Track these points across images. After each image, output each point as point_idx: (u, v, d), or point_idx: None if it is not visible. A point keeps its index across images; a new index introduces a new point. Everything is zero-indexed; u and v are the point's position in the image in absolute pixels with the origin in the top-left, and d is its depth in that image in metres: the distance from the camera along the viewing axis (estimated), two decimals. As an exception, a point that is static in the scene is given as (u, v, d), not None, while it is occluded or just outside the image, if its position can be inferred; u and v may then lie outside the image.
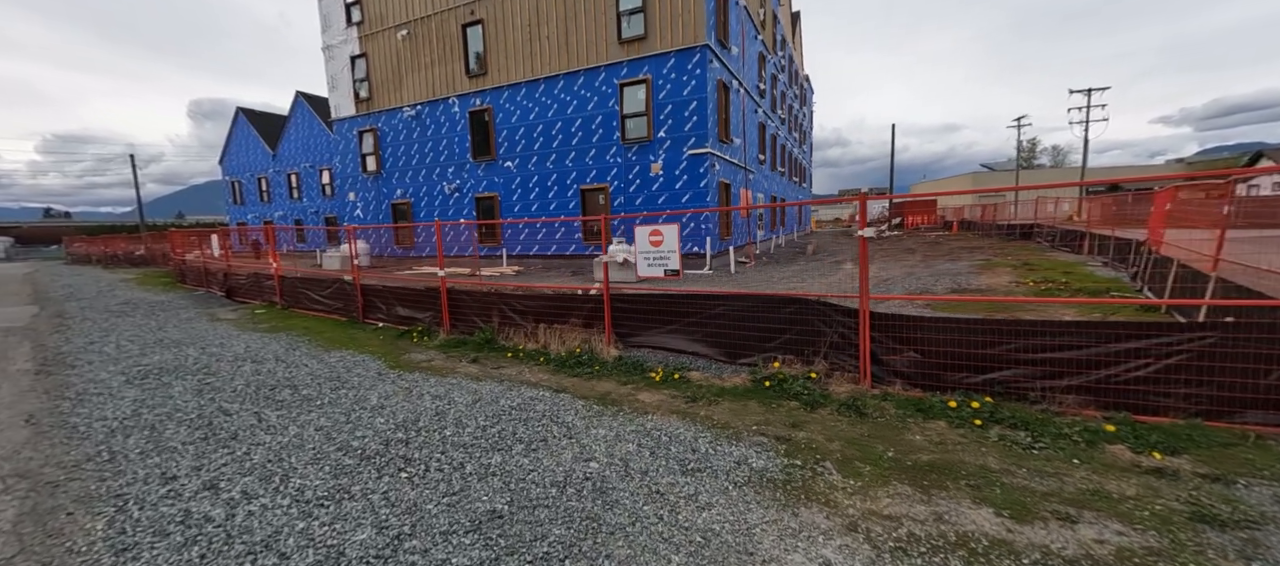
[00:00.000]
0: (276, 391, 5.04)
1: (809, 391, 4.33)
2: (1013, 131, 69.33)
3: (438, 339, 7.18)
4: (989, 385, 3.94)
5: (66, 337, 8.09)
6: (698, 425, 3.90)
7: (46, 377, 5.81)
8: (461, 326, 7.33)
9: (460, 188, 20.66)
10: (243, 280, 11.48)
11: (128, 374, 5.86)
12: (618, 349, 5.92)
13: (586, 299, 6.21)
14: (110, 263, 27.37)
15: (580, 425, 3.97)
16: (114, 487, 3.20)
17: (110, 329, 8.72)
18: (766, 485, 3.00)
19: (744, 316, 5.00)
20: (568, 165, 18.25)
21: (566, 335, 6.27)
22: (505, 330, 6.82)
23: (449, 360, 6.18)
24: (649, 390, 4.75)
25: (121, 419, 4.39)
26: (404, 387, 5.05)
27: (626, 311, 5.92)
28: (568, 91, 17.81)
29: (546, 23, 17.73)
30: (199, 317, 9.64)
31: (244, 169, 38.91)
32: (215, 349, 7.00)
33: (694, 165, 16.11)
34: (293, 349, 6.88)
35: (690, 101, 15.86)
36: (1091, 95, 41.88)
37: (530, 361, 5.93)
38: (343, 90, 23.10)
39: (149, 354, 6.83)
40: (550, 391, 4.80)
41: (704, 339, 5.32)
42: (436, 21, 19.93)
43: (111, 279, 18.72)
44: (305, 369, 5.86)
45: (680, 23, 15.61)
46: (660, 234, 5.36)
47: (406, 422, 4.10)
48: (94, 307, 11.33)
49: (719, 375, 5.01)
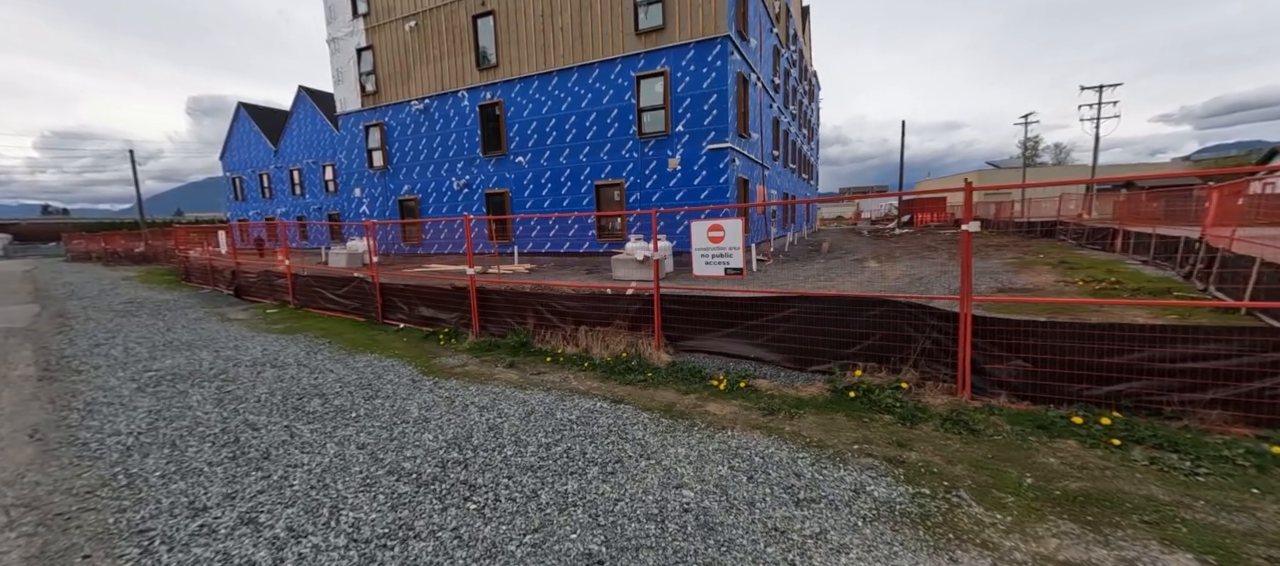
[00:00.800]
0: (305, 401, 4.59)
1: (901, 403, 3.90)
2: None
3: (467, 341, 6.75)
4: (1113, 398, 3.51)
5: (70, 339, 7.64)
6: (787, 442, 3.47)
7: (51, 384, 5.37)
8: (492, 328, 6.89)
9: (470, 183, 20.18)
10: (252, 278, 11.02)
11: (139, 380, 5.42)
12: (668, 354, 5.49)
13: (633, 300, 5.77)
14: (111, 260, 26.88)
15: (654, 442, 3.54)
16: (135, 521, 2.76)
17: (116, 330, 8.27)
18: (902, 520, 2.57)
19: (818, 319, 4.56)
20: (581, 160, 17.78)
21: (610, 338, 5.84)
22: (541, 332, 6.38)
23: (484, 365, 5.74)
24: (716, 400, 4.32)
25: (137, 434, 3.95)
26: (444, 397, 4.62)
27: (678, 313, 5.49)
28: (582, 84, 17.33)
29: (560, 14, 17.23)
30: (208, 318, 9.19)
31: (245, 165, 38.34)
32: (230, 352, 6.55)
33: (714, 160, 15.66)
34: (313, 352, 6.44)
35: (710, 94, 15.39)
36: (1103, 92, 41.44)
37: (573, 367, 5.50)
38: (348, 84, 22.59)
39: (160, 357, 6.39)
40: (607, 402, 4.37)
41: (769, 344, 4.88)
42: (445, 13, 19.42)
43: (113, 277, 18.25)
44: (331, 375, 5.42)
45: (700, 13, 15.13)
46: (721, 230, 4.92)
47: (458, 440, 3.66)
48: (97, 307, 10.87)
49: (790, 384, 4.58)
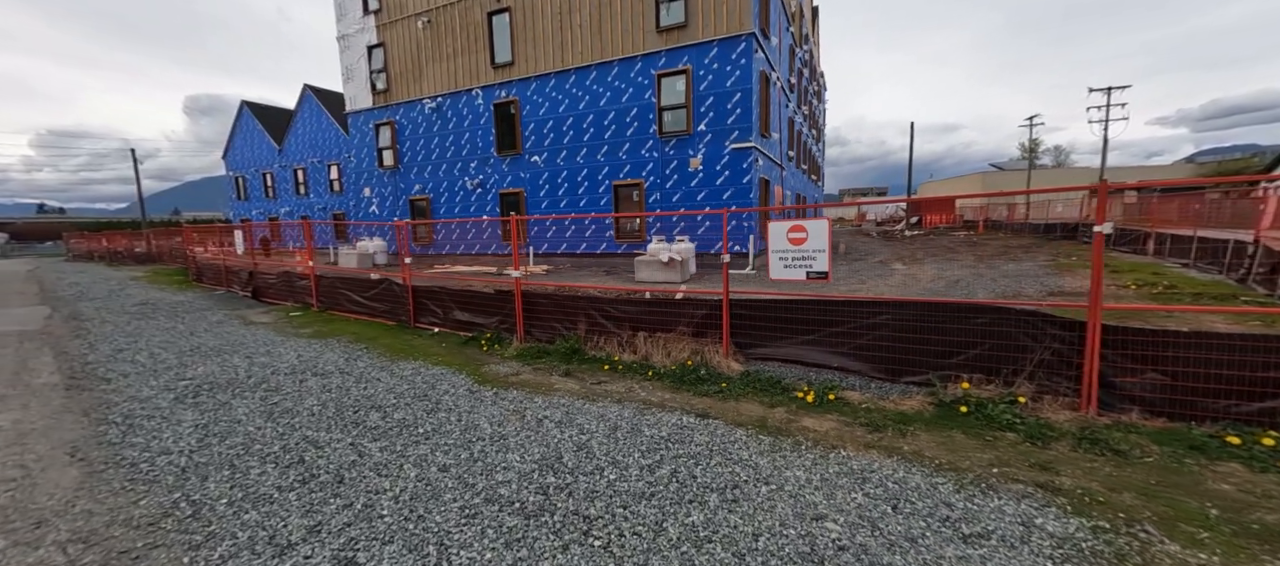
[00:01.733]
0: (362, 414, 4.26)
1: (1021, 420, 3.59)
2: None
3: (512, 347, 6.42)
4: (1267, 416, 3.21)
5: (89, 344, 7.27)
6: (914, 465, 3.16)
7: (80, 394, 5.02)
8: (537, 333, 6.56)
9: (483, 183, 19.84)
10: (272, 280, 10.66)
11: (174, 390, 5.07)
12: (738, 362, 5.17)
13: (698, 304, 5.45)
14: (114, 259, 26.42)
15: (765, 464, 3.23)
16: (214, 560, 2.43)
17: (135, 333, 7.91)
18: (1098, 562, 2.26)
19: (914, 327, 4.25)
20: (599, 160, 17.46)
21: (672, 345, 5.52)
22: (593, 338, 6.06)
23: (538, 374, 5.42)
24: (809, 414, 4.01)
25: (188, 452, 3.61)
26: (511, 410, 4.29)
27: (748, 319, 5.17)
28: (600, 82, 17.02)
29: (578, 11, 16.92)
30: (229, 320, 8.83)
31: (248, 164, 37.89)
32: (263, 358, 6.21)
33: (737, 160, 15.36)
34: (352, 359, 6.10)
35: (733, 93, 15.10)
36: (1110, 93, 41.34)
37: (635, 376, 5.19)
38: (358, 81, 22.22)
39: (190, 364, 6.04)
40: (692, 416, 4.05)
41: (855, 352, 4.57)
42: (460, 9, 19.09)
43: (120, 277, 17.83)
44: (380, 384, 5.09)
45: (724, 10, 14.84)
46: (804, 231, 4.61)
47: (548, 461, 3.34)
48: (110, 309, 10.49)
49: (883, 396, 4.27)
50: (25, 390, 5.17)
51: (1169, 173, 60.99)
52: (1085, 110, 41.80)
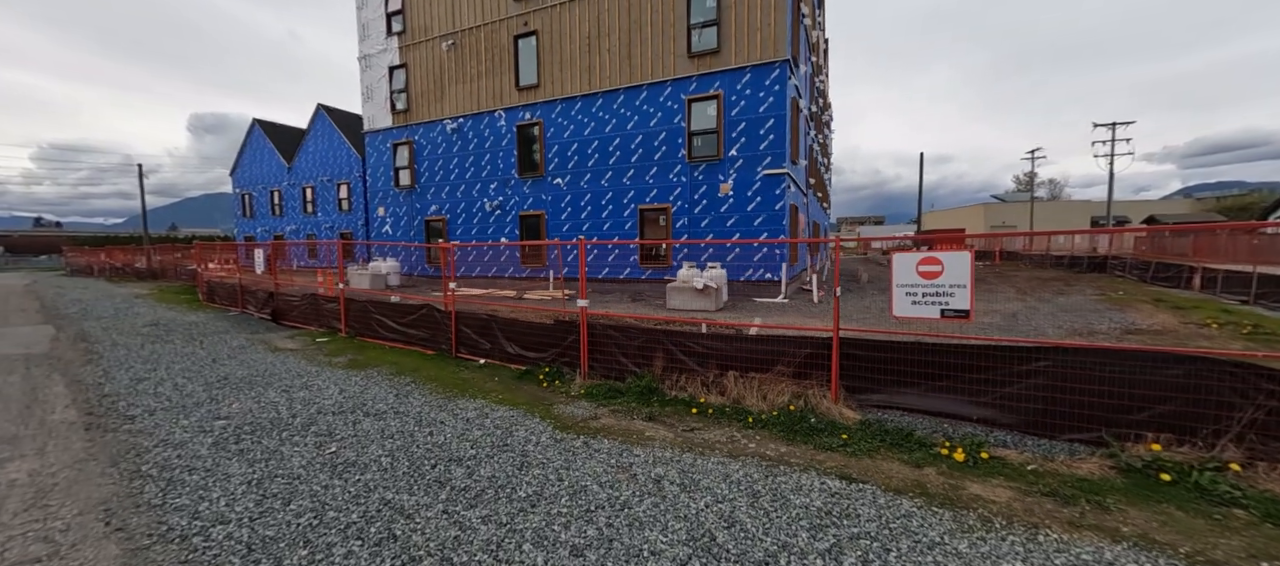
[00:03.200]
0: (442, 469, 3.65)
1: (1241, 492, 3.03)
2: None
3: (576, 384, 5.83)
4: None
5: (104, 370, 6.62)
6: (1149, 552, 2.58)
7: (103, 435, 4.38)
8: (601, 369, 5.98)
9: (503, 205, 19.45)
10: (295, 301, 10.05)
11: (211, 431, 4.44)
12: (852, 409, 4.60)
13: (800, 342, 4.90)
14: (115, 275, 25.70)
15: (967, 551, 2.64)
16: None
17: (152, 359, 7.26)
18: None
19: (1082, 376, 3.72)
20: (625, 183, 17.14)
21: (768, 387, 4.95)
22: (671, 376, 5.48)
23: (617, 417, 4.83)
24: (969, 477, 3.44)
25: (249, 521, 2.98)
26: (614, 465, 3.69)
27: (863, 361, 4.62)
28: (628, 106, 16.82)
29: (608, 35, 16.86)
30: (253, 346, 8.19)
31: (256, 181, 37.56)
32: (302, 394, 5.58)
33: (769, 186, 15.04)
34: (403, 396, 5.49)
35: (767, 119, 14.89)
36: (1115, 129, 41.94)
37: (731, 421, 4.61)
38: (378, 101, 22.06)
39: (220, 398, 5.41)
40: (835, 478, 3.47)
41: (1001, 404, 4.02)
42: (485, 32, 19.06)
43: (124, 294, 17.14)
44: (446, 428, 4.48)
45: (759, 37, 14.76)
46: (938, 263, 4.11)
47: (699, 541, 2.74)
48: (120, 329, 9.83)
49: (1046, 456, 3.71)
50: (40, 428, 4.52)
51: (1167, 207, 61.63)
52: (1090, 145, 42.33)
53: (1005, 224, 65.15)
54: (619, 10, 16.56)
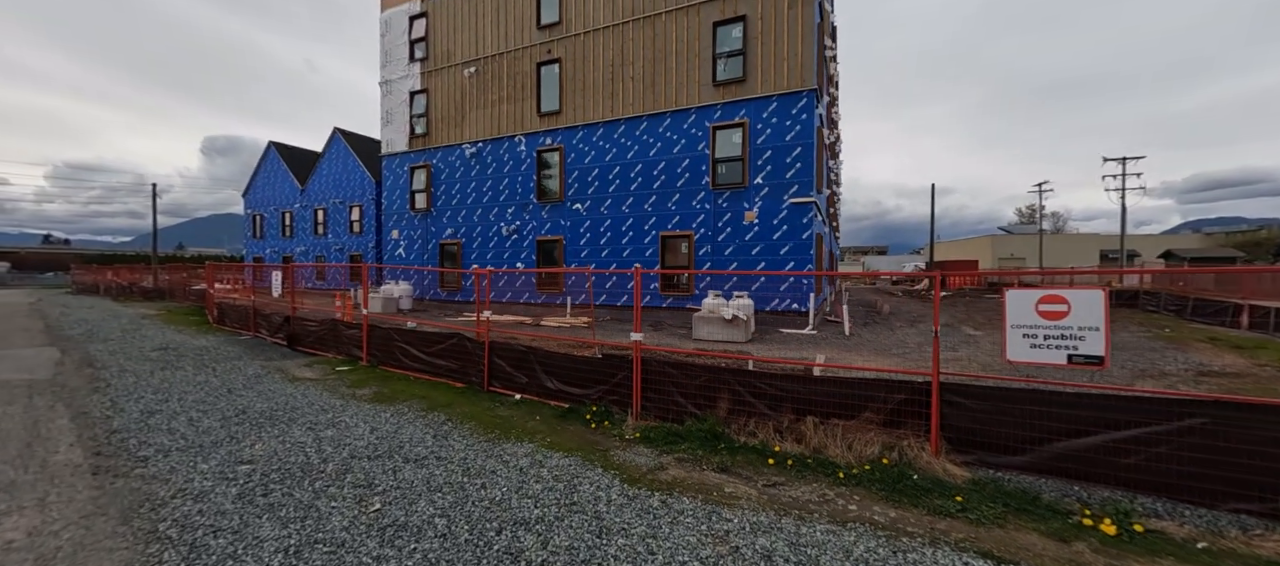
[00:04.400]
0: (510, 537, 3.12)
1: None
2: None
3: (628, 426, 5.31)
4: None
5: (112, 401, 6.12)
6: None
7: (113, 481, 3.86)
8: (655, 408, 5.47)
9: (520, 229, 19.17)
10: (312, 326, 9.59)
11: (234, 479, 3.92)
12: (956, 464, 4.07)
13: (893, 386, 4.41)
14: (121, 294, 25.34)
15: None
16: None
17: (164, 389, 6.76)
18: None
19: (1253, 436, 3.21)
20: (646, 210, 16.87)
21: (852, 435, 4.44)
22: (738, 420, 4.97)
23: (684, 467, 4.31)
24: (1124, 554, 2.92)
25: (292, 604, 2.45)
26: (708, 534, 3.16)
27: (971, 410, 4.12)
28: (651, 133, 16.71)
29: (632, 63, 16.89)
30: (269, 374, 7.70)
31: (269, 203, 37.64)
32: (330, 432, 5.07)
33: (796, 215, 14.74)
34: (443, 437, 4.97)
35: (793, 147, 14.70)
36: (1126, 163, 42.05)
37: (814, 475, 4.09)
38: (397, 125, 22.11)
39: (240, 436, 4.90)
40: (975, 555, 2.93)
41: (1142, 465, 3.50)
42: (509, 59, 19.18)
43: (131, 314, 16.70)
44: (500, 480, 3.96)
45: (785, 66, 14.71)
46: (1062, 303, 3.65)
47: (856, 649, 2.20)
48: (127, 353, 9.35)
49: (1212, 529, 3.17)
50: (41, 472, 4.01)
51: (1178, 242, 61.38)
52: (1100, 179, 42.38)
53: (1012, 256, 64.88)
54: (644, 39, 16.64)
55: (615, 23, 17.05)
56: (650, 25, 16.50)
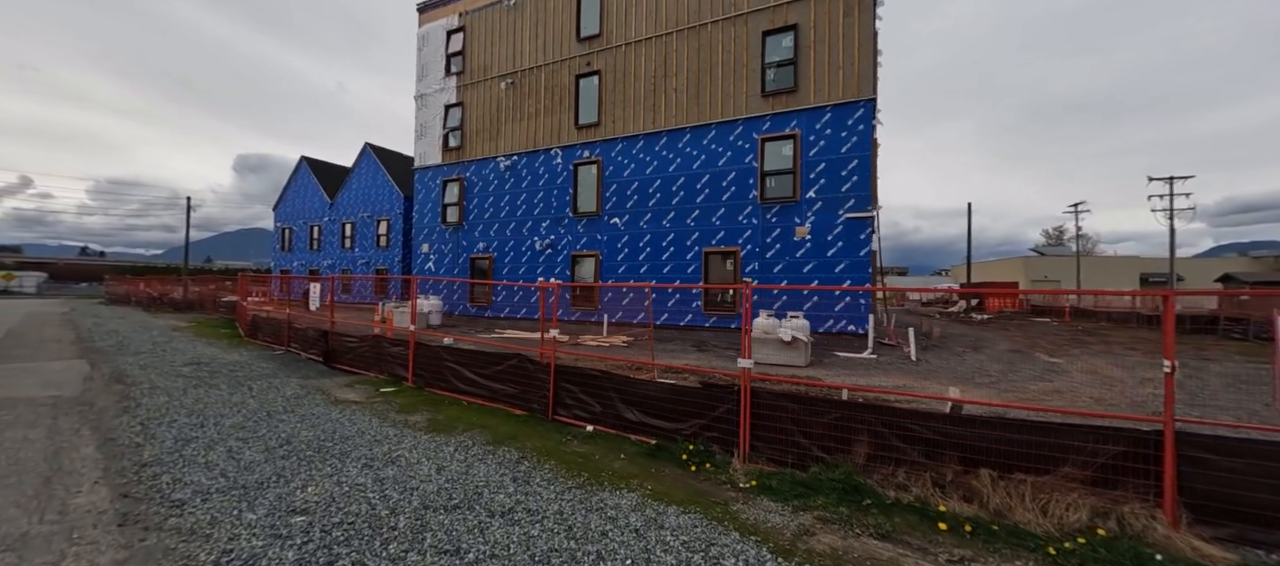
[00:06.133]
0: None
1: None
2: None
3: (732, 468, 4.46)
4: None
5: (142, 425, 5.47)
6: None
7: (143, 535, 3.13)
8: (767, 449, 4.60)
9: (554, 244, 18.59)
10: (351, 343, 8.95)
11: (289, 537, 3.16)
12: (1205, 540, 3.11)
13: (1104, 435, 3.49)
14: (152, 304, 25.37)
15: None
16: None
17: (198, 411, 6.11)
18: None
19: None
20: (689, 224, 16.14)
21: (1047, 494, 3.51)
22: (880, 467, 4.07)
23: (833, 529, 3.44)
24: None
25: None
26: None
27: (1215, 467, 3.18)
28: (695, 145, 16.09)
29: (675, 74, 16.39)
30: (309, 395, 7.01)
31: (298, 216, 38.02)
32: (391, 471, 4.30)
33: (852, 231, 13.85)
34: (524, 482, 4.16)
35: (850, 159, 13.91)
36: (1173, 183, 40.23)
37: (1007, 546, 3.21)
38: (430, 138, 21.94)
39: (288, 473, 4.16)
40: None
41: None
42: (546, 72, 18.89)
43: (161, 326, 16.40)
44: (616, 546, 3.12)
45: (841, 75, 14.03)
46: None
47: None
48: (158, 368, 8.80)
49: None
50: (59, 520, 3.30)
51: (1225, 265, 58.46)
52: (1146, 199, 40.55)
53: (1047, 278, 62.54)
54: (688, 50, 16.17)
55: (658, 34, 16.63)
56: (695, 35, 16.03)
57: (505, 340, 12.60)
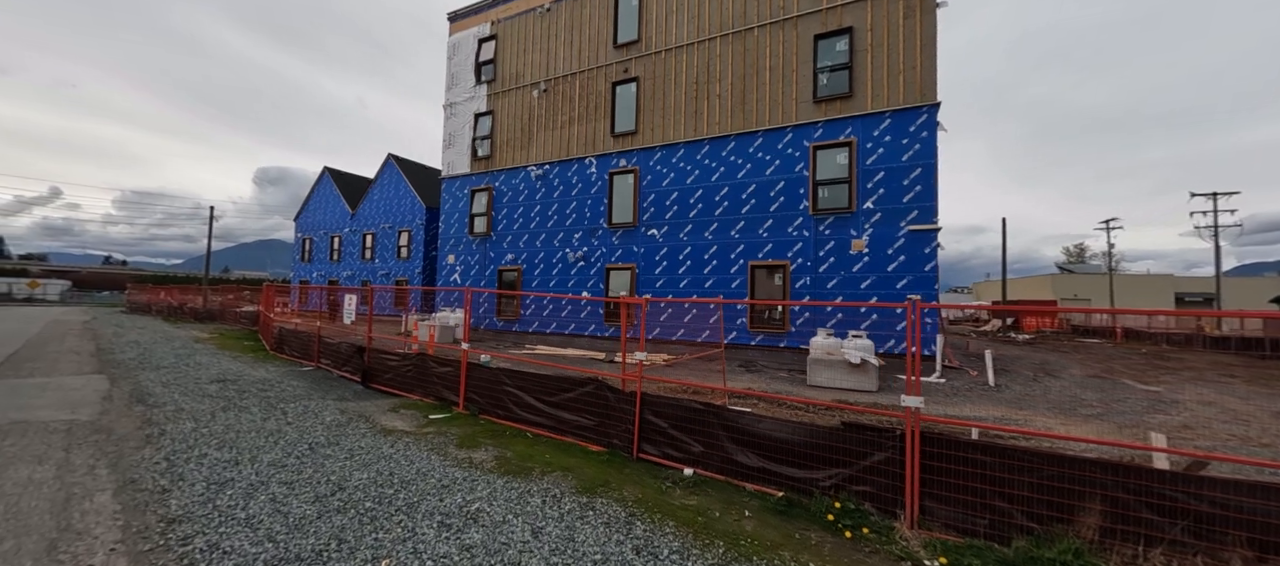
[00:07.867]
0: None
1: None
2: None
3: (898, 534, 3.51)
4: None
5: (168, 461, 4.64)
6: None
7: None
8: (944, 509, 3.63)
9: (587, 255, 17.80)
10: (392, 362, 8.12)
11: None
12: None
13: None
14: (172, 314, 24.97)
15: None
16: None
17: (229, 440, 5.28)
18: None
19: None
20: (733, 237, 15.26)
21: None
22: (1118, 545, 3.09)
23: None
24: None
25: None
26: None
27: None
28: (740, 153, 15.29)
29: (719, 80, 15.68)
30: (351, 422, 6.17)
31: (319, 227, 37.84)
32: (476, 534, 3.41)
33: (916, 244, 12.86)
34: (650, 554, 3.24)
35: (912, 168, 12.98)
36: (1217, 199, 38.61)
37: None
38: (459, 147, 21.44)
39: (345, 533, 3.29)
40: None
41: None
42: (581, 79, 18.31)
43: (183, 337, 15.79)
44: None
45: (901, 79, 13.18)
46: None
47: None
48: (182, 386, 8.05)
49: None
50: (62, 616, 2.44)
51: (1266, 286, 55.99)
52: (1189, 215, 38.93)
53: (1076, 296, 60.45)
54: (732, 55, 15.48)
55: (700, 39, 15.97)
56: (741, 40, 15.34)
57: (562, 360, 11.73)
